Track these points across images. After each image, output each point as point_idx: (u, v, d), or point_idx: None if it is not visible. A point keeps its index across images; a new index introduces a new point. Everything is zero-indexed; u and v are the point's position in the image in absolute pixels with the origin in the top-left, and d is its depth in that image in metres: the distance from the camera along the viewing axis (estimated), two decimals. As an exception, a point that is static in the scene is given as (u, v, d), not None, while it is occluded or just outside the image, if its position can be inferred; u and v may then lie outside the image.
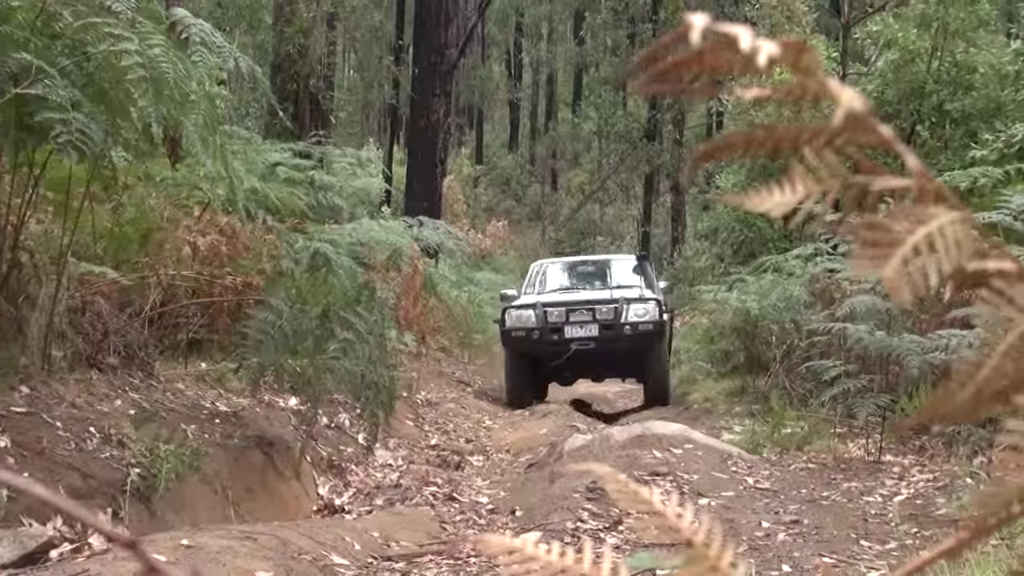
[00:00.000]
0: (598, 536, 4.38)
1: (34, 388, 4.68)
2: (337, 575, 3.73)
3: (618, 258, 15.38)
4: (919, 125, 13.09)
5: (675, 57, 0.55)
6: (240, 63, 5.14)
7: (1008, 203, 6.91)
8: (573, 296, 12.66)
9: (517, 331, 11.79)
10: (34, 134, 4.34)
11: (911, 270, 0.52)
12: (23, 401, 4.52)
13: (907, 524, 4.60)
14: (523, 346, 11.82)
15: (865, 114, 0.54)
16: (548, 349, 11.66)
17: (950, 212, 0.54)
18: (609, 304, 11.80)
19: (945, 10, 13.06)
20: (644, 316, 11.62)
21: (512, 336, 11.85)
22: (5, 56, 4.25)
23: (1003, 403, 0.56)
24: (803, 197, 0.57)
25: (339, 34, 18.50)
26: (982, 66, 12.95)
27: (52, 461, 4.26)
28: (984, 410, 0.56)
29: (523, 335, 11.72)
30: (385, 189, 12.14)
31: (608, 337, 11.52)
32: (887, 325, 6.38)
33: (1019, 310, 0.55)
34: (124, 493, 4.37)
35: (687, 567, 0.62)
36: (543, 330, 11.67)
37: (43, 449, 4.28)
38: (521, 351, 11.92)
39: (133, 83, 4.35)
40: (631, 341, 11.49)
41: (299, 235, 6.56)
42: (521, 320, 11.89)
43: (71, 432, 4.53)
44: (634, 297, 11.92)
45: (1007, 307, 0.55)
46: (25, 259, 4.91)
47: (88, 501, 4.24)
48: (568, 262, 15.48)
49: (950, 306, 5.72)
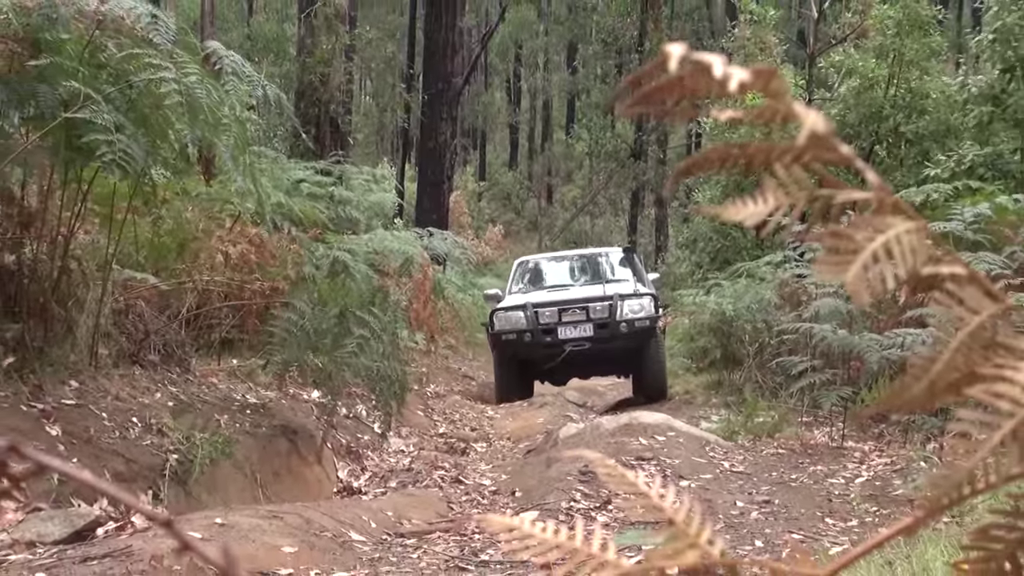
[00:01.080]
0: (589, 515, 4.38)
1: (82, 383, 4.68)
2: (355, 550, 3.72)
3: (604, 251, 13.23)
4: (877, 145, 13.11)
5: (657, 82, 0.55)
6: (267, 90, 5.14)
7: (959, 215, 6.92)
8: (564, 294, 10.94)
9: (507, 334, 10.29)
10: (82, 154, 4.34)
11: (871, 275, 0.52)
12: (73, 394, 4.52)
13: (867, 504, 4.60)
14: (514, 349, 10.38)
15: (828, 134, 0.54)
16: (541, 351, 10.25)
17: (906, 222, 0.54)
18: (603, 302, 10.27)
19: (901, 42, 13.09)
20: (639, 312, 10.21)
21: (502, 340, 10.34)
22: (56, 84, 4.25)
23: (954, 394, 0.56)
24: (773, 209, 0.57)
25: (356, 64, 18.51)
26: (934, 92, 12.97)
27: (99, 448, 4.26)
28: (937, 401, 0.56)
29: (514, 338, 10.25)
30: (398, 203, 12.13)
31: (603, 336, 10.11)
32: (848, 325, 6.38)
33: (969, 310, 0.55)
34: (163, 477, 4.37)
35: (670, 543, 0.62)
36: (535, 332, 10.20)
37: (91, 437, 4.28)
38: (512, 354, 10.47)
39: (171, 108, 4.36)
40: (627, 339, 10.13)
41: (320, 244, 6.57)
42: (511, 322, 10.35)
43: (116, 422, 4.53)
44: (628, 293, 10.44)
45: (958, 307, 0.55)
46: (74, 266, 4.90)
47: (131, 484, 4.24)
48: (553, 257, 13.69)
49: (905, 307, 5.73)
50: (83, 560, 2.91)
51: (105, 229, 5.26)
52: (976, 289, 0.55)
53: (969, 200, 7.73)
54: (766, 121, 0.56)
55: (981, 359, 0.55)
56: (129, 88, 4.38)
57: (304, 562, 3.35)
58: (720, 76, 0.52)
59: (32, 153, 4.45)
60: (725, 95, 0.54)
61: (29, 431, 4.03)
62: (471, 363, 13.74)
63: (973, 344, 0.55)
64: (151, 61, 4.30)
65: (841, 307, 6.35)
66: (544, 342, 10.20)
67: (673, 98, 0.56)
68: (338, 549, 3.65)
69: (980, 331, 0.55)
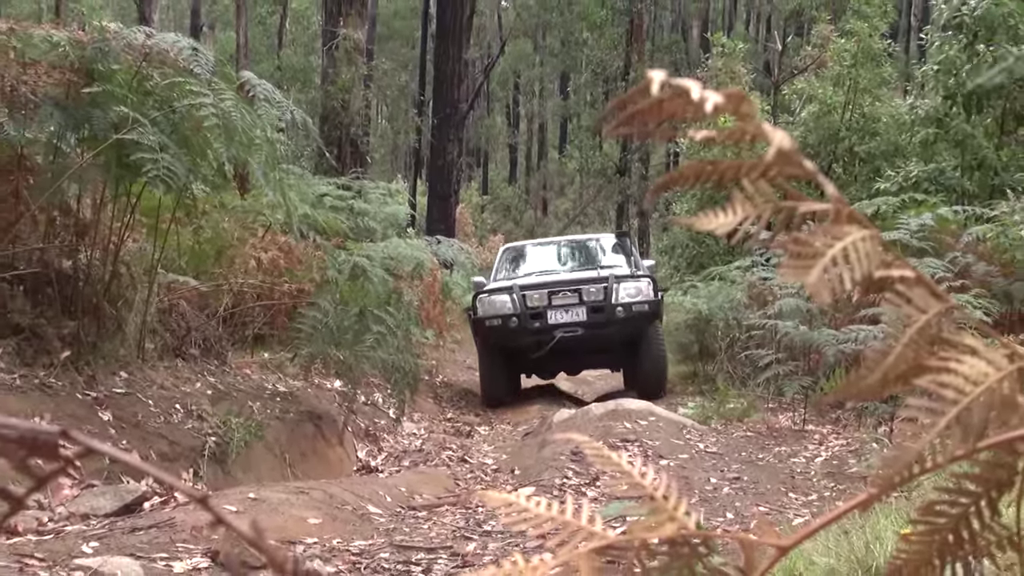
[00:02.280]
0: (580, 490, 4.37)
1: (131, 374, 4.68)
2: (372, 521, 3.72)
3: (596, 236, 11.15)
4: (834, 164, 13.12)
5: (640, 106, 0.54)
6: (295, 115, 5.15)
7: (905, 224, 6.93)
8: (554, 276, 9.04)
9: (492, 319, 8.34)
10: (130, 171, 4.34)
11: (829, 277, 0.52)
12: (122, 384, 4.52)
13: (826, 480, 4.60)
14: (499, 337, 8.39)
15: (792, 151, 0.54)
16: (528, 338, 8.28)
17: (861, 231, 0.54)
18: (597, 283, 8.39)
19: (856, 72, 13.10)
20: (637, 296, 8.34)
21: (486, 326, 8.39)
22: (108, 109, 4.25)
23: (904, 384, 0.55)
24: (742, 219, 0.56)
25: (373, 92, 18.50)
26: (885, 116, 12.99)
27: (146, 431, 4.26)
28: (889, 390, 0.56)
29: (498, 324, 8.29)
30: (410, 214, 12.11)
31: (598, 321, 8.20)
32: (809, 322, 6.38)
33: (917, 309, 0.55)
34: (203, 457, 4.36)
35: (651, 516, 0.62)
36: (522, 316, 8.22)
37: (138, 422, 4.28)
38: (496, 342, 8.52)
39: (210, 130, 4.36)
40: (624, 325, 8.23)
41: (342, 251, 6.56)
42: (495, 307, 8.39)
43: (161, 408, 4.53)
44: (625, 275, 8.61)
45: (907, 307, 0.55)
46: (123, 270, 4.90)
47: (174, 463, 4.23)
48: (541, 242, 11.45)
49: (860, 306, 5.72)
50: (131, 530, 2.90)
51: (151, 237, 5.26)
52: (923, 290, 0.55)
53: (915, 211, 7.74)
54: (737, 140, 0.56)
55: (928, 353, 0.55)
56: (172, 113, 4.38)
57: (327, 532, 3.34)
58: (697, 99, 0.52)
59: (86, 170, 4.45)
60: (700, 117, 0.54)
61: (84, 416, 4.03)
62: (475, 356, 13.69)
63: (921, 339, 0.54)
64: (192, 89, 4.30)
65: (802, 306, 6.36)
66: (532, 328, 8.26)
67: (654, 120, 0.56)
68: (357, 520, 3.64)
69: (927, 328, 0.55)
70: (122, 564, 2.41)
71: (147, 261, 5.12)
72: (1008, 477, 0.57)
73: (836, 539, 1.92)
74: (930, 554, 0.61)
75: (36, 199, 4.46)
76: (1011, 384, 0.53)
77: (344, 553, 3.11)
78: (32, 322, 4.28)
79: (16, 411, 3.65)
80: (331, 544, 3.20)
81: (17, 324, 4.22)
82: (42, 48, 4.24)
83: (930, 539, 0.60)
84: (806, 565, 1.81)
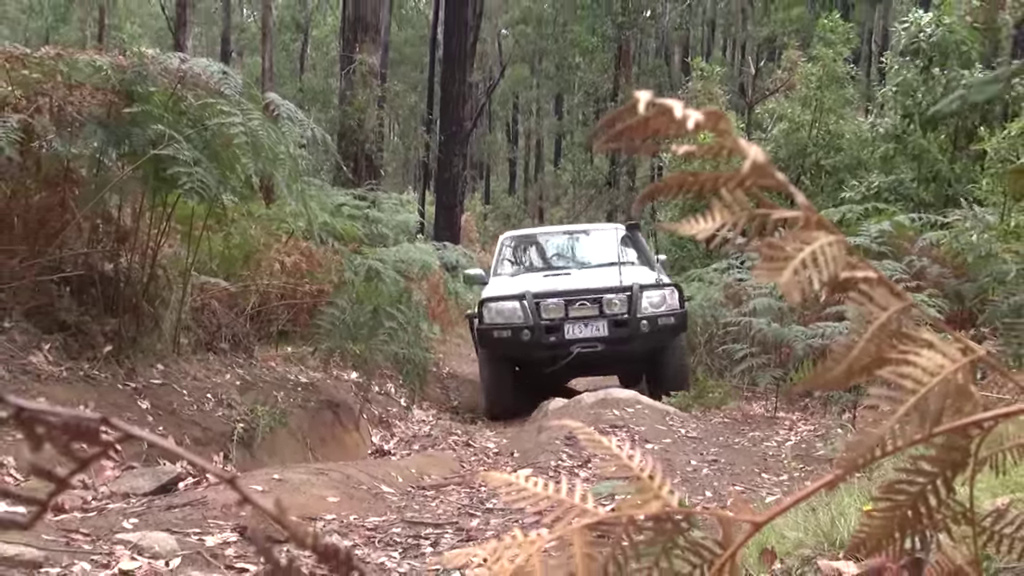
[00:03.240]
0: (573, 472, 4.37)
1: (167, 366, 4.68)
2: (385, 499, 3.71)
3: (603, 227, 9.12)
4: (803, 176, 13.12)
5: (627, 123, 0.54)
6: (315, 132, 5.14)
7: (867, 231, 6.94)
8: (569, 282, 7.22)
9: (500, 330, 6.83)
10: (166, 183, 4.34)
11: (799, 278, 0.52)
12: (159, 376, 4.52)
13: (795, 462, 4.59)
14: (508, 349, 6.89)
15: (765, 164, 0.54)
16: (542, 353, 6.82)
17: (828, 236, 0.54)
18: (620, 293, 6.79)
19: (821, 93, 13.11)
20: (662, 306, 6.85)
21: (494, 337, 6.85)
22: (146, 127, 4.25)
23: (867, 375, 0.55)
24: (720, 225, 0.56)
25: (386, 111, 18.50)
26: (848, 133, 13.00)
27: (180, 418, 4.26)
28: (853, 380, 0.55)
29: (508, 336, 6.79)
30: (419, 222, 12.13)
31: (620, 337, 6.74)
32: (780, 319, 6.38)
33: (879, 307, 0.54)
34: (232, 441, 4.36)
35: (638, 494, 0.61)
36: (535, 329, 6.71)
37: (174, 410, 4.27)
38: (505, 354, 6.98)
39: (238, 146, 4.36)
40: (647, 340, 6.77)
41: (357, 255, 6.55)
42: (504, 315, 6.86)
43: (194, 397, 4.52)
44: (649, 283, 6.99)
45: (869, 304, 0.55)
46: (160, 273, 4.90)
47: (206, 447, 4.23)
48: (548, 231, 9.44)
49: (827, 304, 5.72)
50: (167, 508, 2.90)
51: (185, 243, 5.26)
52: (884, 290, 0.55)
53: (875, 219, 7.75)
54: (715, 154, 0.55)
55: (888, 346, 0.55)
56: (204, 130, 4.38)
57: (345, 509, 3.34)
58: (680, 117, 0.52)
59: (126, 182, 4.45)
60: (682, 134, 0.54)
61: (124, 405, 4.02)
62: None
63: (882, 334, 0.54)
64: (222, 109, 4.30)
65: (774, 304, 6.35)
66: (546, 342, 6.76)
67: (640, 136, 0.56)
68: (372, 499, 3.64)
69: (887, 324, 0.54)
70: (159, 539, 2.41)
71: (182, 264, 5.12)
72: (962, 459, 0.57)
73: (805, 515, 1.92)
74: (891, 528, 0.61)
75: (81, 208, 4.46)
76: (964, 375, 0.53)
77: (360, 528, 3.11)
78: (78, 319, 4.28)
79: (63, 400, 3.65)
80: (348, 520, 3.20)
81: (64, 321, 4.22)
82: (87, 72, 4.24)
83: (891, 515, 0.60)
84: (778, 539, 1.81)
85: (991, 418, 0.53)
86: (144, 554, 2.30)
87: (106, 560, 2.22)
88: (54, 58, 4.26)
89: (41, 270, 4.26)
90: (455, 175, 16.68)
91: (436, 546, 2.94)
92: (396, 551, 2.84)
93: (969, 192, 9.37)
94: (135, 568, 2.18)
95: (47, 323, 4.17)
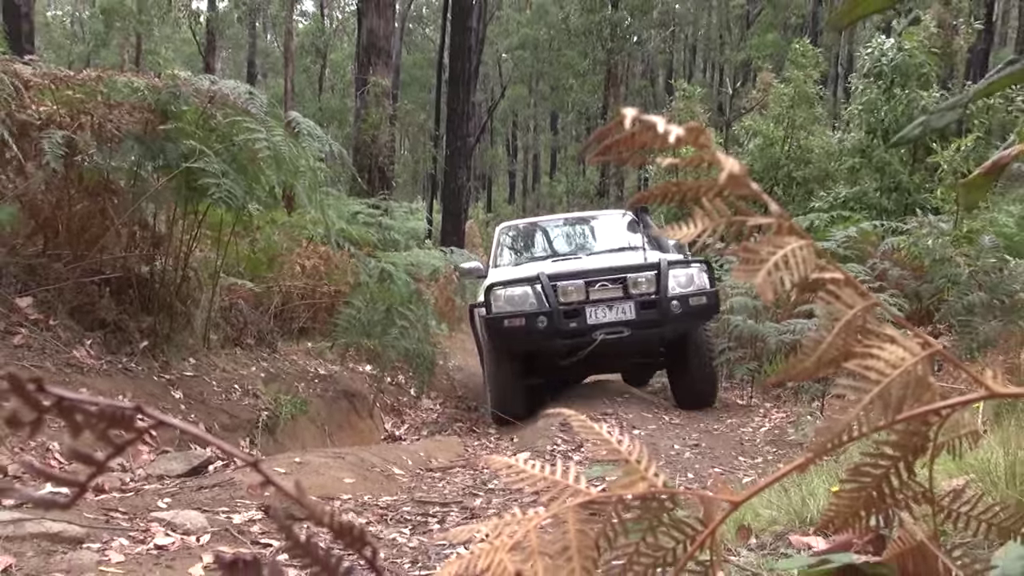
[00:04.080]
0: (567, 455, 4.37)
1: (198, 360, 4.67)
2: (397, 480, 3.71)
3: (610, 213, 7.46)
4: (776, 187, 13.14)
5: (615, 138, 0.54)
6: (333, 147, 5.13)
7: (835, 237, 6.94)
8: (588, 263, 5.95)
9: (512, 318, 5.50)
10: (197, 193, 4.34)
11: (773, 278, 0.52)
12: (191, 368, 4.52)
13: (769, 446, 4.60)
14: (522, 340, 5.57)
15: (742, 175, 0.53)
16: (561, 342, 5.53)
17: (798, 240, 0.54)
18: (647, 271, 5.56)
19: (793, 111, 13.13)
20: (690, 286, 5.58)
21: (504, 327, 5.53)
22: (179, 142, 4.25)
23: (834, 368, 0.55)
24: (701, 231, 0.56)
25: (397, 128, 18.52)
26: (817, 148, 13.01)
27: (210, 407, 4.26)
28: (822, 372, 0.55)
29: (521, 324, 5.46)
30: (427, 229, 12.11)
31: (649, 320, 5.47)
32: (756, 316, 6.38)
33: (845, 305, 0.54)
34: (257, 428, 4.36)
35: (625, 476, 0.61)
36: (554, 315, 5.42)
37: (204, 399, 4.27)
38: (518, 347, 5.68)
39: (263, 160, 4.36)
40: (678, 323, 5.56)
41: (372, 258, 6.55)
42: (515, 302, 5.54)
43: (222, 388, 4.52)
44: (677, 259, 5.73)
45: (837, 303, 0.54)
46: (192, 275, 4.90)
47: (233, 433, 4.23)
48: (548, 220, 7.50)
49: (797, 303, 5.72)
50: (198, 489, 2.90)
51: (215, 248, 5.26)
52: (850, 290, 0.55)
53: (842, 225, 7.75)
54: (696, 166, 0.55)
55: (854, 341, 0.54)
56: (232, 145, 4.38)
57: (359, 490, 3.34)
58: (663, 132, 0.52)
59: (161, 192, 4.45)
60: (666, 147, 0.54)
61: (159, 395, 4.02)
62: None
63: (848, 330, 0.54)
64: (248, 126, 4.29)
65: (750, 303, 6.35)
66: (566, 329, 5.47)
67: (628, 150, 0.55)
68: (384, 480, 3.64)
69: (853, 320, 0.54)
70: (190, 516, 2.41)
71: (211, 267, 5.12)
72: (922, 444, 0.57)
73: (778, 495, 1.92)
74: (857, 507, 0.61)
75: (120, 216, 4.46)
76: (923, 367, 0.53)
77: (373, 507, 3.11)
78: (116, 317, 4.28)
79: (103, 391, 3.65)
80: (362, 500, 3.19)
81: (104, 319, 4.22)
82: (125, 92, 4.24)
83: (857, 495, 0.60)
84: (753, 517, 1.80)
85: (948, 406, 0.53)
86: (177, 530, 2.30)
87: (142, 536, 2.21)
88: (95, 80, 4.26)
89: (83, 272, 4.26)
90: (460, 186, 16.67)
91: (443, 523, 2.94)
92: (406, 528, 2.83)
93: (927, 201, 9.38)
94: (169, 543, 2.18)
95: (89, 321, 4.17)
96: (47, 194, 4.30)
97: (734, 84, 16.50)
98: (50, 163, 3.79)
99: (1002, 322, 5.25)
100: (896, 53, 10.67)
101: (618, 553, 0.60)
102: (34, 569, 1.86)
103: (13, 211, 4.16)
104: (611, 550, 0.59)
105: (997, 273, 5.64)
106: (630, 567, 0.60)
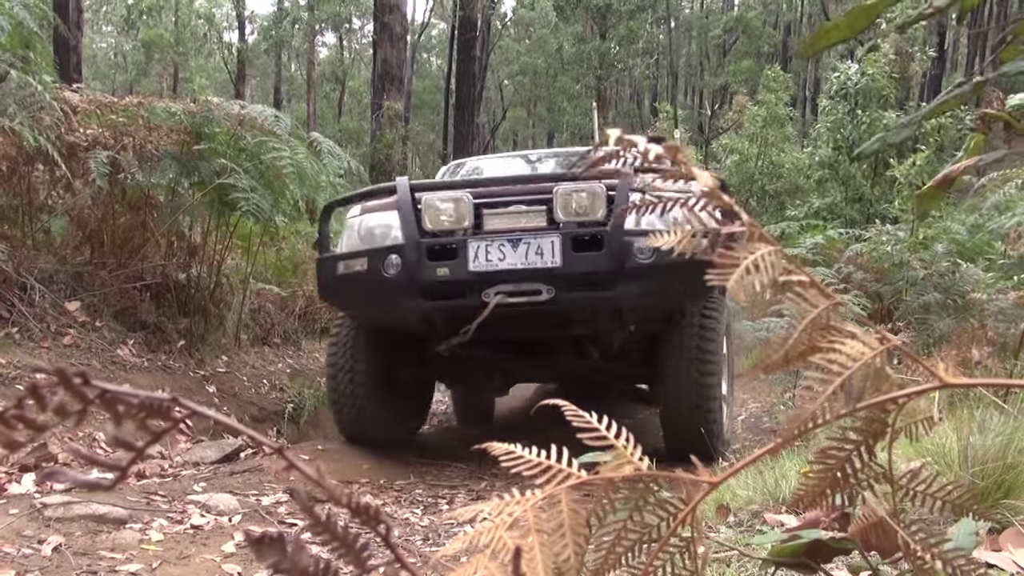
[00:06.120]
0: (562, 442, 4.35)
1: (230, 357, 4.67)
2: (410, 465, 3.71)
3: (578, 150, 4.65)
4: (750, 199, 13.14)
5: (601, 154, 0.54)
6: (351, 164, 5.14)
7: (804, 243, 6.93)
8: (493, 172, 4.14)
9: (348, 260, 2.84)
10: (229, 207, 4.35)
11: (746, 281, 0.52)
12: (223, 365, 4.52)
13: (745, 433, 4.59)
14: (362, 301, 2.92)
15: (715, 188, 0.54)
16: (416, 306, 2.71)
17: (768, 247, 0.54)
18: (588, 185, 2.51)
19: (766, 131, 13.15)
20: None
21: (336, 277, 2.89)
22: (212, 161, 4.26)
23: (802, 361, 0.55)
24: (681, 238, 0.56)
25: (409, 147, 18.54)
26: (788, 164, 13.01)
27: (241, 400, 4.25)
28: (791, 365, 0.55)
29: (361, 271, 2.76)
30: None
31: (589, 271, 2.54)
32: (733, 315, 6.36)
33: (811, 305, 0.54)
34: (283, 419, 4.36)
35: (615, 460, 0.61)
36: (408, 251, 2.66)
37: (236, 393, 4.27)
38: (359, 314, 3.13)
39: (287, 176, 4.36)
40: (645, 288, 2.58)
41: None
42: (366, 237, 2.86)
43: (252, 383, 4.52)
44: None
45: (803, 303, 0.54)
46: (224, 281, 4.91)
47: (262, 424, 4.22)
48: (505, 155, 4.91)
49: (768, 303, 5.71)
50: (230, 474, 2.89)
51: (244, 256, 5.26)
52: (815, 291, 0.55)
53: (810, 233, 7.73)
54: (675, 180, 0.55)
55: (819, 337, 0.54)
56: (260, 163, 4.39)
57: (376, 474, 3.33)
58: (643, 150, 0.52)
59: (196, 206, 4.46)
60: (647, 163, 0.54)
61: (195, 389, 4.02)
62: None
63: (813, 327, 0.54)
64: (274, 146, 4.30)
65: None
66: (428, 281, 2.70)
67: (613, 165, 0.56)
68: (399, 465, 3.63)
69: (818, 319, 0.54)
70: (223, 499, 2.41)
71: (242, 273, 5.12)
72: (881, 429, 0.57)
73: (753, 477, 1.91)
74: (824, 487, 0.61)
75: (159, 228, 4.47)
76: (881, 360, 0.53)
77: (389, 490, 3.10)
78: (156, 319, 4.28)
79: (144, 385, 3.65)
80: (379, 483, 3.19)
81: (144, 321, 4.23)
82: (163, 116, 4.25)
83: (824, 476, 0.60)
84: (731, 497, 1.80)
85: (905, 395, 0.53)
86: (211, 512, 2.30)
87: (180, 517, 2.21)
88: (136, 105, 4.28)
89: (126, 279, 4.26)
90: (465, 199, 16.70)
91: (451, 504, 2.94)
92: (419, 508, 2.83)
93: (886, 211, 9.38)
94: (204, 523, 2.18)
95: (131, 322, 4.17)
96: (93, 208, 4.30)
97: (712, 106, 16.54)
98: (96, 180, 3.80)
99: (955, 320, 5.24)
100: (860, 77, 10.69)
101: (607, 530, 0.60)
102: (82, 547, 1.86)
103: (63, 224, 4.17)
104: (601, 527, 0.59)
105: (950, 276, 5.63)
106: (618, 542, 0.60)
